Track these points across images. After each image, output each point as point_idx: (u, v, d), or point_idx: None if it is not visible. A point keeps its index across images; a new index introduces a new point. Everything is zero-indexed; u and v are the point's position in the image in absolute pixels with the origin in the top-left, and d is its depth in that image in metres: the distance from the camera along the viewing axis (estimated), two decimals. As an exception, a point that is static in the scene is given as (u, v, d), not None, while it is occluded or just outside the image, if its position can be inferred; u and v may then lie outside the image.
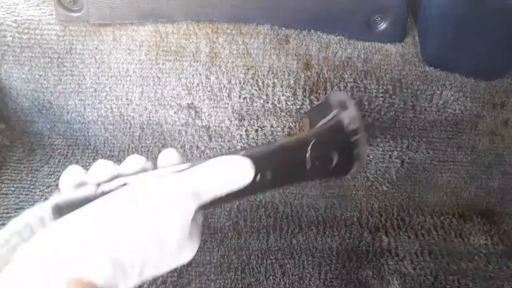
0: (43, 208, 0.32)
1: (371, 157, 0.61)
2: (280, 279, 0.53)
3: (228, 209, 0.60)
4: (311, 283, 0.53)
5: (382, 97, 0.57)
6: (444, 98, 0.58)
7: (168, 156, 0.34)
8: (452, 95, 0.58)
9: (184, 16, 0.54)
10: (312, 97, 0.57)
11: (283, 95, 0.57)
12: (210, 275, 0.53)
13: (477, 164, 0.63)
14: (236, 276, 0.53)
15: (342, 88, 0.57)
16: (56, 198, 0.32)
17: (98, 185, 0.32)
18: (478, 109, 0.60)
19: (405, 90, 0.57)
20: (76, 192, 0.32)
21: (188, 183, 0.31)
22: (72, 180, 0.32)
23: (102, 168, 0.32)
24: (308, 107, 0.58)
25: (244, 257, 0.55)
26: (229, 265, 0.54)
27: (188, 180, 0.31)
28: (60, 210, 0.31)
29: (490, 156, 0.63)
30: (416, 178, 0.63)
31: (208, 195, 0.32)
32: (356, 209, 0.62)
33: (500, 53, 0.55)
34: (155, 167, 0.35)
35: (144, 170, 0.33)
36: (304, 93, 0.57)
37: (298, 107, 0.58)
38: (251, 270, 0.54)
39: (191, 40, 0.55)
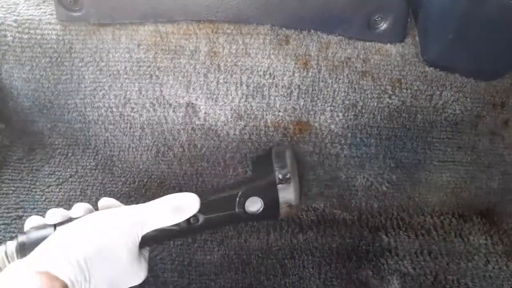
0: (10, 246, 0.38)
1: (371, 157, 0.61)
2: (280, 279, 0.53)
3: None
4: (311, 282, 0.53)
5: (381, 97, 0.57)
6: (444, 98, 0.58)
7: (109, 202, 0.42)
8: (452, 95, 0.58)
9: (184, 16, 0.54)
10: (308, 97, 0.57)
11: (280, 95, 0.57)
12: (211, 274, 0.53)
13: (477, 164, 0.63)
14: (237, 275, 0.53)
15: (340, 87, 0.57)
16: (20, 238, 0.38)
17: (55, 226, 0.39)
18: (478, 109, 0.60)
19: (404, 90, 0.57)
20: (37, 233, 0.39)
21: (136, 211, 0.39)
22: (34, 223, 0.40)
23: (57, 213, 0.39)
24: (304, 107, 0.58)
25: (244, 256, 0.55)
26: (230, 264, 0.54)
27: (136, 209, 0.39)
28: (24, 247, 0.38)
29: (490, 156, 0.63)
30: (416, 178, 0.63)
31: (153, 223, 0.38)
32: (356, 209, 0.62)
33: (500, 53, 0.55)
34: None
35: (90, 212, 0.41)
36: (300, 94, 0.57)
37: (294, 107, 0.58)
38: (252, 270, 0.54)
39: (191, 40, 0.55)
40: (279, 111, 0.58)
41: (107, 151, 0.61)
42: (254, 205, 0.44)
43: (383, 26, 0.55)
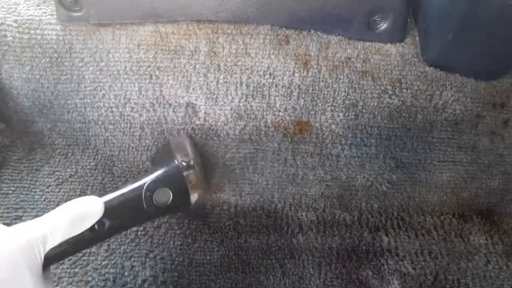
0: None
1: (371, 157, 0.61)
2: (280, 279, 0.53)
3: (228, 208, 0.60)
4: (311, 282, 0.53)
5: (381, 97, 0.57)
6: (444, 98, 0.58)
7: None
8: (452, 95, 0.58)
9: (184, 16, 0.54)
10: (308, 97, 0.57)
11: (280, 95, 0.57)
12: (211, 275, 0.53)
13: (477, 164, 0.63)
14: (237, 276, 0.53)
15: (340, 87, 0.57)
16: None
17: None
18: (478, 109, 0.60)
19: (404, 90, 0.57)
20: None
21: (33, 227, 0.34)
22: None
23: None
24: (304, 107, 0.58)
25: (244, 256, 0.55)
26: (229, 265, 0.54)
27: (32, 225, 0.34)
28: None
29: (490, 156, 0.63)
30: (416, 178, 0.63)
31: (55, 237, 0.34)
32: (356, 209, 0.62)
33: (500, 53, 0.55)
34: None
35: None
36: (300, 94, 0.57)
37: (295, 107, 0.58)
38: (252, 270, 0.54)
39: (191, 40, 0.55)
40: (279, 111, 0.58)
41: (107, 151, 0.61)
42: (163, 196, 0.42)
43: (383, 26, 0.55)
